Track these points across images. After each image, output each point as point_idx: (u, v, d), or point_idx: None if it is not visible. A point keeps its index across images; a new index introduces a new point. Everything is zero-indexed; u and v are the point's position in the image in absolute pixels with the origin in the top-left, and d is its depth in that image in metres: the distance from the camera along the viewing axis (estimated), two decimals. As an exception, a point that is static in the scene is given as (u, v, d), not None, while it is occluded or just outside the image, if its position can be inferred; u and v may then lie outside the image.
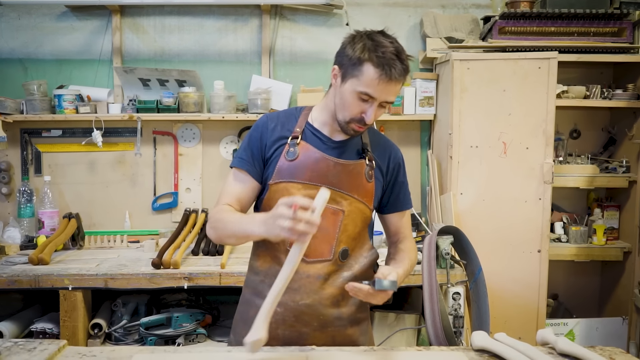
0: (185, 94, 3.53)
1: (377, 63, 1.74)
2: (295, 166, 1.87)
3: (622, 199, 3.72)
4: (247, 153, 1.92)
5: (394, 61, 1.74)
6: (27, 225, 3.58)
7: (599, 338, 3.51)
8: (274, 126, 1.93)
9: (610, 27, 3.42)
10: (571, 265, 3.83)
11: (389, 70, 1.73)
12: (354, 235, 1.91)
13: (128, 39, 3.73)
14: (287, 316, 1.85)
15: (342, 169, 1.88)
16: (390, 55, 1.74)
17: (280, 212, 1.55)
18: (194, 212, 3.60)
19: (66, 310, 2.88)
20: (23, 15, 3.70)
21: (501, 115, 3.25)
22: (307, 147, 1.89)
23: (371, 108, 1.79)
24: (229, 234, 1.81)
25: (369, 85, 1.75)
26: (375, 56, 1.74)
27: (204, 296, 3.38)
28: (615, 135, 3.79)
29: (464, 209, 3.28)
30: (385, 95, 1.77)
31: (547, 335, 1.85)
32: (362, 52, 1.76)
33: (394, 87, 1.77)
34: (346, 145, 1.93)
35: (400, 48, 1.78)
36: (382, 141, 2.03)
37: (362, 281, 1.72)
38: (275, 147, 1.90)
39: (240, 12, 3.75)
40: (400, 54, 1.76)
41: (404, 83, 1.85)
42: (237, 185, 1.92)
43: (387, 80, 1.74)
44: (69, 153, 3.71)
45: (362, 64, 1.75)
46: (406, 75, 1.79)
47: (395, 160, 2.02)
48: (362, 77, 1.76)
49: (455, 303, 2.89)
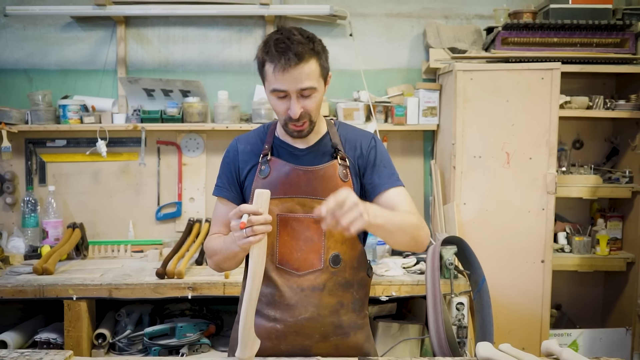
0: (189, 104, 3.54)
1: (269, 58, 1.75)
2: (269, 183, 1.87)
3: (625, 210, 3.72)
4: (223, 180, 1.97)
5: (282, 49, 1.72)
6: (31, 235, 3.58)
7: (602, 348, 3.50)
8: (243, 148, 1.96)
9: (613, 38, 3.44)
10: (574, 276, 3.83)
11: (280, 59, 1.72)
12: (342, 239, 1.88)
13: (132, 49, 3.76)
14: (288, 332, 1.84)
15: (312, 176, 1.87)
16: (276, 44, 1.73)
17: (233, 225, 1.64)
18: (198, 221, 3.61)
19: (70, 320, 2.88)
20: (28, 26, 3.72)
21: (504, 125, 3.26)
22: (276, 161, 1.90)
23: (292, 102, 1.77)
24: (222, 259, 1.87)
25: (273, 81, 1.76)
26: (265, 53, 1.76)
27: (207, 306, 3.39)
28: (618, 145, 3.79)
29: (467, 219, 3.28)
30: (293, 83, 1.74)
31: (551, 346, 1.85)
32: (259, 55, 1.79)
33: (295, 72, 1.73)
34: (316, 150, 1.92)
35: (289, 33, 1.75)
36: (351, 134, 1.99)
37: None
38: (247, 168, 1.93)
39: (244, 23, 3.77)
40: (288, 39, 1.73)
41: (319, 61, 1.79)
42: (222, 213, 1.95)
43: (282, 70, 1.73)
44: (73, 163, 3.72)
45: (264, 65, 1.78)
46: (307, 57, 1.74)
47: (366, 146, 1.96)
48: (267, 76, 1.78)
49: (459, 313, 2.89)
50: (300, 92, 1.77)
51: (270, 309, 1.86)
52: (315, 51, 1.77)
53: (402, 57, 3.80)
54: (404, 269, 3.14)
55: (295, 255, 1.85)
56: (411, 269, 3.14)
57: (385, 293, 2.97)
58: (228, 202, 1.94)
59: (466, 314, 2.88)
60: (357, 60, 3.63)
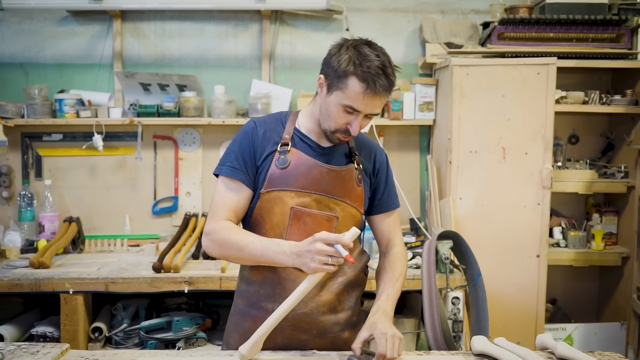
0: (185, 98, 3.54)
1: (362, 77, 1.71)
2: (287, 174, 1.85)
3: (620, 204, 3.73)
4: (239, 161, 1.86)
5: (379, 76, 1.72)
6: (27, 229, 3.58)
7: (597, 343, 3.52)
8: (264, 132, 1.89)
9: (608, 33, 3.44)
10: (570, 270, 3.84)
11: (374, 85, 1.71)
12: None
13: (129, 43, 3.75)
14: (285, 326, 1.83)
15: (335, 175, 1.88)
16: (375, 69, 1.72)
17: (320, 248, 1.62)
18: (194, 216, 3.61)
19: (67, 313, 2.89)
20: (24, 20, 3.71)
21: (500, 120, 3.26)
22: (298, 154, 1.87)
23: (356, 120, 1.78)
24: (247, 259, 1.79)
25: (353, 99, 1.74)
26: (360, 70, 1.72)
27: (203, 300, 3.39)
28: (613, 140, 3.81)
29: (463, 214, 3.29)
30: (370, 108, 1.77)
31: (546, 340, 1.86)
32: (347, 65, 1.74)
33: (379, 100, 1.76)
34: (334, 151, 1.93)
35: (386, 61, 1.75)
36: (366, 142, 2.03)
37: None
38: (265, 153, 1.87)
39: (240, 17, 3.77)
40: (386, 69, 1.74)
41: (390, 94, 1.85)
42: (232, 196, 1.86)
43: (372, 95, 1.73)
44: (69, 157, 3.72)
45: (348, 78, 1.73)
46: (392, 89, 1.79)
47: (379, 160, 2.02)
48: (347, 91, 1.74)
49: (455, 307, 2.90)
50: (367, 115, 1.80)
51: (269, 302, 1.86)
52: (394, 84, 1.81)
53: (399, 52, 3.80)
54: (400, 263, 3.14)
55: None
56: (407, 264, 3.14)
57: (381, 287, 2.97)
58: (242, 185, 1.86)
59: (462, 308, 2.89)
60: (354, 55, 3.63)
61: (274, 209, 1.85)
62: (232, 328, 1.98)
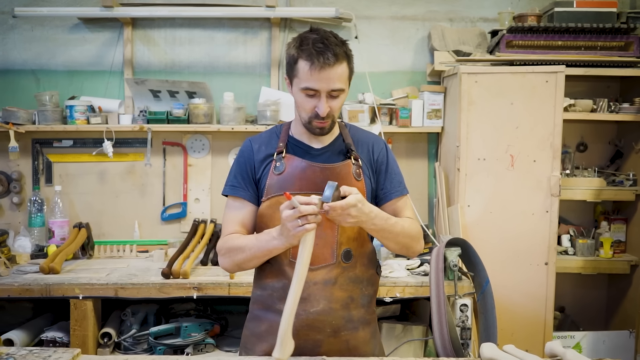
0: (195, 105, 3.56)
1: (306, 56, 1.80)
2: (284, 179, 1.91)
3: (629, 212, 3.73)
4: (238, 179, 1.98)
5: (320, 49, 1.78)
6: (37, 235, 3.60)
7: (606, 351, 3.51)
8: (258, 147, 2.00)
9: (617, 41, 3.44)
10: (578, 278, 3.84)
11: (318, 58, 1.78)
12: (354, 235, 1.94)
13: (139, 50, 3.78)
14: (300, 327, 1.86)
15: (329, 173, 1.92)
16: (314, 44, 1.79)
17: (286, 215, 1.67)
18: (203, 222, 3.62)
19: (76, 319, 2.90)
20: (36, 27, 3.75)
21: (508, 128, 3.27)
22: (292, 158, 1.94)
23: (321, 101, 1.84)
24: (250, 257, 1.88)
25: (306, 79, 1.82)
26: (301, 50, 1.81)
27: (212, 306, 3.41)
28: (622, 148, 3.80)
29: (472, 221, 3.29)
30: (326, 84, 1.82)
31: (555, 347, 1.86)
32: (293, 52, 1.84)
33: (330, 73, 1.81)
34: (329, 150, 1.98)
35: (326, 34, 1.83)
36: (363, 137, 2.07)
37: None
38: (262, 166, 1.96)
39: (250, 25, 3.79)
40: (326, 40, 1.80)
41: (349, 64, 1.88)
42: (236, 213, 1.97)
43: (319, 69, 1.79)
44: (79, 163, 3.75)
45: (297, 62, 1.83)
46: (341, 59, 1.82)
47: (377, 151, 2.05)
48: (299, 74, 1.83)
49: (463, 315, 2.90)
50: (330, 93, 1.84)
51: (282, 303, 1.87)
52: (347, 55, 1.86)
53: (407, 59, 3.81)
54: (408, 270, 3.15)
55: None
56: (415, 271, 3.15)
57: (389, 294, 2.98)
58: (244, 201, 1.96)
59: (470, 315, 2.89)
60: (362, 63, 3.63)
61: (275, 214, 1.87)
62: (249, 333, 2.02)
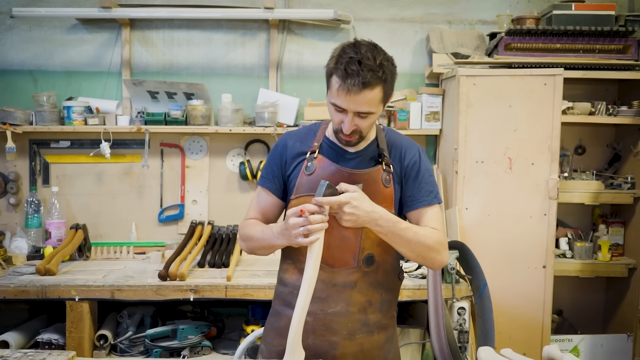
0: (193, 106, 3.55)
1: (339, 74, 1.74)
2: (313, 180, 1.90)
3: (627, 215, 3.72)
4: (268, 171, 2.02)
5: (352, 72, 1.72)
6: (34, 236, 3.59)
7: (603, 355, 3.51)
8: (293, 143, 2.00)
9: (615, 44, 3.44)
10: (576, 281, 3.83)
11: (346, 82, 1.73)
12: (378, 241, 1.90)
13: (137, 51, 3.77)
14: (317, 326, 1.89)
15: (357, 179, 1.89)
16: (349, 66, 1.72)
17: (292, 222, 1.70)
18: (200, 224, 3.62)
19: (72, 321, 2.89)
20: (34, 28, 3.74)
21: (507, 130, 3.26)
22: (323, 160, 1.94)
23: (346, 118, 1.81)
24: (258, 247, 1.96)
25: (335, 96, 1.78)
26: (337, 68, 1.75)
27: (209, 308, 3.40)
28: (620, 151, 3.80)
29: (469, 224, 3.28)
30: (352, 105, 1.77)
31: (553, 351, 1.85)
32: (330, 63, 1.80)
33: (357, 97, 1.74)
34: (362, 155, 1.95)
35: (365, 54, 1.73)
36: (396, 142, 2.02)
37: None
38: (295, 163, 1.97)
39: (248, 27, 3.78)
40: (362, 61, 1.72)
41: (384, 88, 1.79)
42: (259, 201, 2.04)
43: (346, 91, 1.74)
44: (77, 164, 3.74)
45: (331, 76, 1.79)
46: (373, 85, 1.74)
47: (409, 157, 1.99)
48: (331, 89, 1.80)
49: (460, 318, 2.90)
50: (357, 113, 1.80)
51: None
52: (382, 79, 1.76)
53: (405, 61, 3.81)
54: (406, 273, 3.14)
55: (330, 251, 1.87)
56: (413, 274, 3.14)
57: (386, 297, 2.97)
58: (269, 193, 2.01)
59: (467, 318, 2.89)
60: (361, 65, 3.64)
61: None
62: (270, 327, 2.05)
